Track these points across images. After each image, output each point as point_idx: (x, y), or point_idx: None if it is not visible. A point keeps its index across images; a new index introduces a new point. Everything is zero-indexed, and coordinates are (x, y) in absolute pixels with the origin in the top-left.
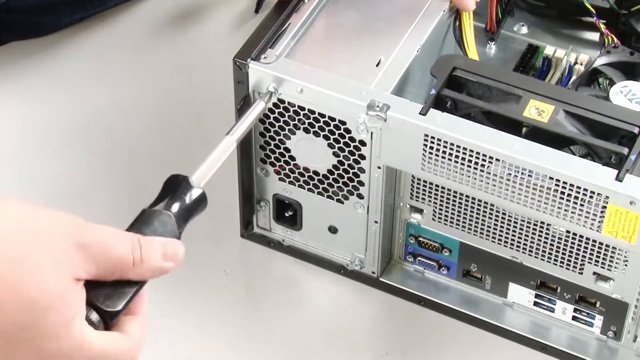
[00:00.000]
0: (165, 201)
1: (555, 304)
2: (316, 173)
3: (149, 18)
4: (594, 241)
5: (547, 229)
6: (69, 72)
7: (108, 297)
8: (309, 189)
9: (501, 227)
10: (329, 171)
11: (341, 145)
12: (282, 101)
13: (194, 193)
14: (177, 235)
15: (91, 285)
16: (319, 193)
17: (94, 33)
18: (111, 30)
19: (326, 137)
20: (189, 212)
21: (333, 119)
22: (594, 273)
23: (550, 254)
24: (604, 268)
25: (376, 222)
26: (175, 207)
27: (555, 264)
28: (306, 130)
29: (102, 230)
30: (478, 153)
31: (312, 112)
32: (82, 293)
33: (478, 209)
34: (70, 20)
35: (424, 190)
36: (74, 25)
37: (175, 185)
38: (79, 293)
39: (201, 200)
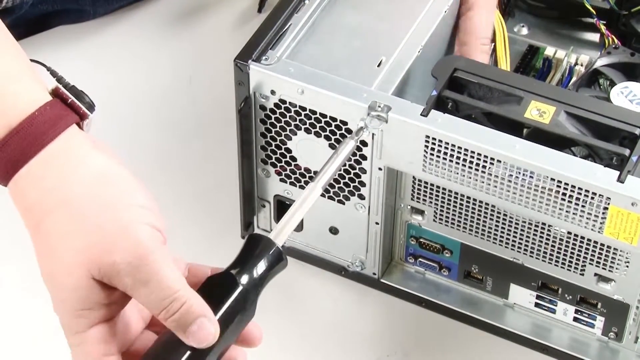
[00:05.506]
0: (241, 265)
1: (556, 305)
2: (317, 174)
3: (150, 18)
4: (595, 242)
5: (549, 230)
6: (68, 72)
7: None
8: None
9: (502, 228)
10: None
11: None
12: (284, 102)
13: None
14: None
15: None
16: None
17: (93, 34)
18: (111, 30)
19: (327, 138)
20: (267, 272)
21: (334, 120)
22: (595, 274)
23: (551, 255)
24: (605, 269)
25: (377, 223)
26: (250, 269)
27: (557, 265)
28: (307, 131)
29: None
30: (479, 154)
31: (313, 112)
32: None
33: (479, 210)
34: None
35: (425, 191)
36: (72, 25)
37: (253, 246)
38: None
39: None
